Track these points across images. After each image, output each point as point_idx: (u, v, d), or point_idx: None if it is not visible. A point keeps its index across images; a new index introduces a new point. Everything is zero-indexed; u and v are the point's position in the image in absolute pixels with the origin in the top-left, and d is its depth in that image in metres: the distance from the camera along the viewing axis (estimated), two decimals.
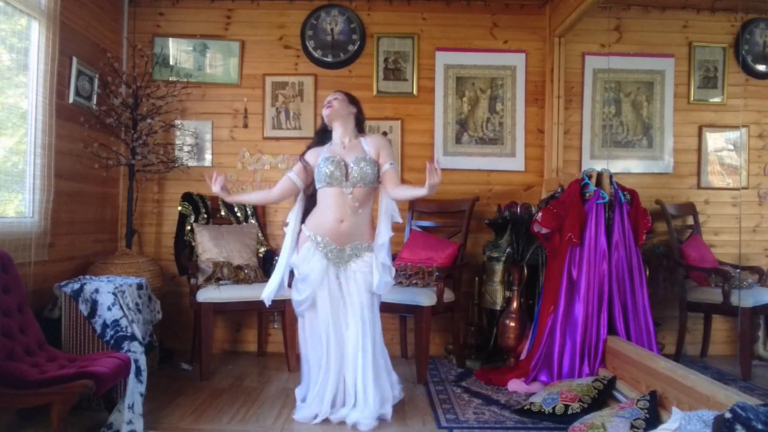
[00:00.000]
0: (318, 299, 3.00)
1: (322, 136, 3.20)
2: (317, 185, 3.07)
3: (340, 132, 3.12)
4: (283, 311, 3.89)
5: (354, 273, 3.01)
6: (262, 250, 4.30)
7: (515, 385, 3.54)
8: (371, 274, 3.00)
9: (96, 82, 3.95)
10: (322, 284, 2.98)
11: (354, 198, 2.97)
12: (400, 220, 3.16)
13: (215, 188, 3.08)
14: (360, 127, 3.19)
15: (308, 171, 3.15)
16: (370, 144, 3.10)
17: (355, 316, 2.97)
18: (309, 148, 3.23)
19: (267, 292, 3.14)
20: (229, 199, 3.22)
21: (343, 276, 3.01)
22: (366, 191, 3.02)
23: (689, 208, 4.53)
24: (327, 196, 3.02)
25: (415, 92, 4.58)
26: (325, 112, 3.11)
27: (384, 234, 3.04)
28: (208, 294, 3.72)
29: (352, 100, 3.18)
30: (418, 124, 4.58)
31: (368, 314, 2.99)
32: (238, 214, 4.40)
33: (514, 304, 3.99)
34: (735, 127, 4.62)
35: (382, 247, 3.04)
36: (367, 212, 3.08)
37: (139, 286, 3.32)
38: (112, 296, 3.02)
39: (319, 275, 2.98)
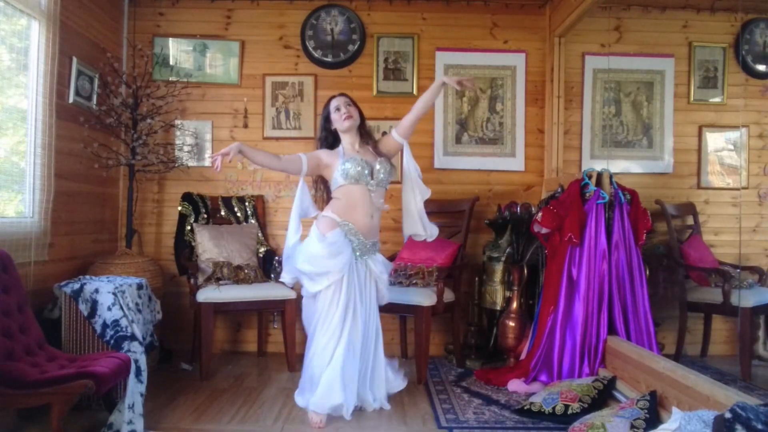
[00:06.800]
0: (343, 285, 2.98)
1: (333, 140, 3.22)
2: (340, 183, 3.06)
3: (349, 139, 3.18)
4: (283, 311, 3.89)
5: (370, 270, 3.13)
6: (262, 250, 4.30)
7: (515, 385, 3.54)
8: (378, 280, 3.19)
9: (96, 82, 3.95)
10: (349, 270, 3.00)
11: (377, 196, 3.12)
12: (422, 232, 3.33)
13: (229, 158, 2.86)
14: (363, 132, 3.23)
15: (320, 166, 3.13)
16: (378, 148, 3.22)
17: (367, 309, 3.10)
18: (321, 146, 3.23)
19: (289, 242, 3.12)
20: (245, 154, 2.96)
21: (362, 269, 3.10)
22: (383, 192, 3.19)
23: (689, 208, 4.53)
24: (353, 193, 3.06)
25: (415, 92, 4.57)
26: (346, 123, 3.10)
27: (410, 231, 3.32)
28: (208, 294, 3.72)
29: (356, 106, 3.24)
30: (418, 124, 4.56)
31: (377, 312, 3.20)
32: (238, 214, 4.40)
33: (514, 304, 3.99)
34: (735, 127, 4.62)
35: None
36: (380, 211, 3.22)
37: (139, 286, 3.32)
38: (112, 296, 3.02)
39: (345, 263, 2.98)
